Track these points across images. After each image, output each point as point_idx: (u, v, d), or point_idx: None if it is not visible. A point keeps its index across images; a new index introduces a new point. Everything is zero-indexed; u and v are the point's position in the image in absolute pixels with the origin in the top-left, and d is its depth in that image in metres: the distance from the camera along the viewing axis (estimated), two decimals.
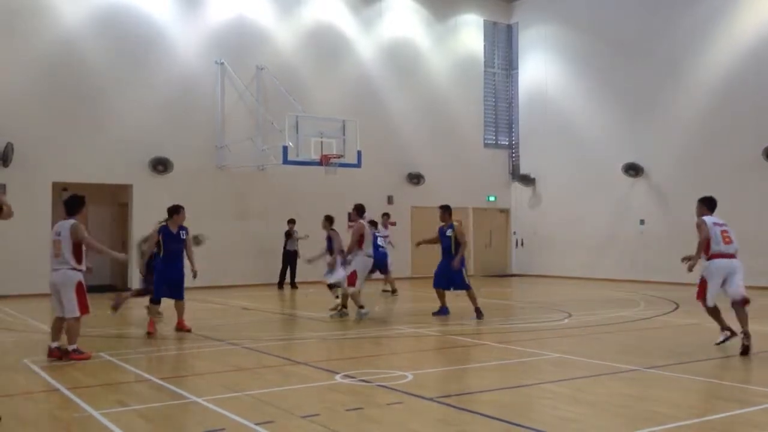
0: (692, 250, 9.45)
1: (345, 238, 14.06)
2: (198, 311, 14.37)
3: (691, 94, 20.25)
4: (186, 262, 10.96)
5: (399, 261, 23.19)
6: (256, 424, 5.46)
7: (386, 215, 18.55)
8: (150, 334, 10.45)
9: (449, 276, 12.29)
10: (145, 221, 19.12)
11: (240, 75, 20.51)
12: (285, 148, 18.03)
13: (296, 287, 19.35)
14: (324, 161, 18.42)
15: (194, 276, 10.83)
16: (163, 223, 10.93)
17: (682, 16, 20.48)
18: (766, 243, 18.10)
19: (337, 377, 7.19)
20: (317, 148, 18.36)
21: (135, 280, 19.02)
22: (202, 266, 19.52)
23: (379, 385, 6.82)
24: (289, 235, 19.56)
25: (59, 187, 18.61)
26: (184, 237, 10.91)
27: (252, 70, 20.67)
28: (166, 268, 10.72)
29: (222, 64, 20.31)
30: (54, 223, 18.05)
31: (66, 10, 18.38)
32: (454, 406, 6.03)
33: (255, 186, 20.84)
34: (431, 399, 6.25)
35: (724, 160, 19.19)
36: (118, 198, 19.88)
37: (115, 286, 19.82)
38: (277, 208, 20.49)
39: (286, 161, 18.17)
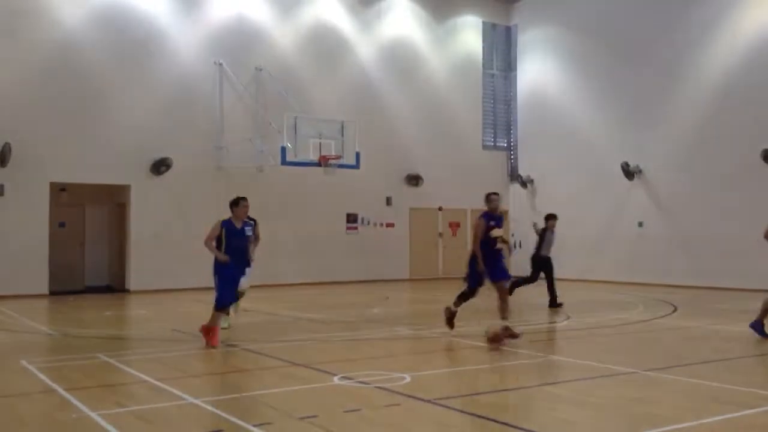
0: (690, 251, 9.65)
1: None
2: (197, 312, 14.35)
3: (690, 96, 20.27)
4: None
5: (397, 262, 23.28)
6: (254, 425, 5.45)
7: None
8: (213, 347, 9.29)
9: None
10: (143, 222, 19.20)
11: (239, 76, 20.51)
12: (283, 149, 18.04)
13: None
14: (322, 162, 18.43)
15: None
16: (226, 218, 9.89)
17: (682, 18, 20.50)
18: (763, 245, 18.07)
19: (336, 379, 7.17)
20: (316, 149, 18.37)
21: (132, 280, 19.05)
22: (200, 267, 19.68)
23: (377, 387, 6.82)
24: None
25: (57, 188, 18.60)
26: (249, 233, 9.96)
27: (251, 71, 20.66)
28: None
29: (221, 64, 20.29)
30: (51, 223, 18.17)
31: (64, 10, 18.34)
32: (452, 408, 6.03)
33: (253, 187, 20.75)
34: (429, 401, 6.24)
35: (723, 162, 19.20)
36: (116, 198, 19.85)
37: (113, 287, 19.81)
38: (276, 208, 20.46)
39: (284, 162, 18.18)
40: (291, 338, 10.58)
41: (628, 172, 21.34)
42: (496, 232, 10.08)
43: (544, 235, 15.00)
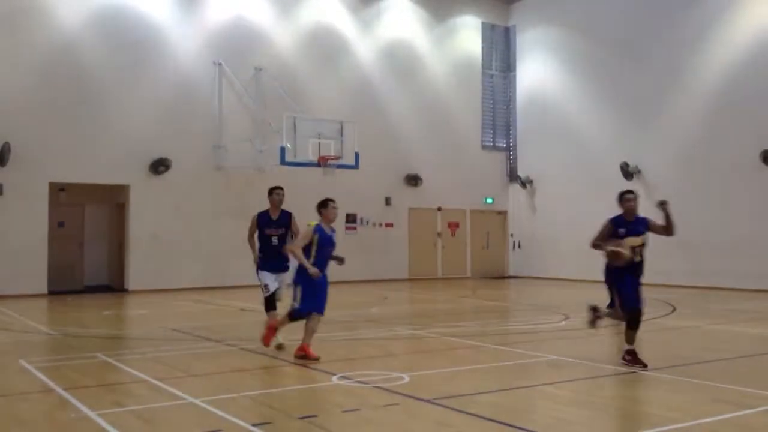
0: (690, 252, 9.52)
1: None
2: (196, 312, 14.36)
3: (689, 96, 20.27)
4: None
5: (396, 262, 23.28)
6: (254, 425, 5.45)
7: None
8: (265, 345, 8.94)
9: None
10: (142, 222, 19.19)
11: (238, 76, 20.49)
12: (283, 149, 18.04)
13: None
14: (322, 162, 18.42)
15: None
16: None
17: (681, 19, 20.51)
18: (762, 246, 18.13)
19: (335, 378, 7.18)
20: (315, 150, 18.37)
21: (131, 280, 19.03)
22: (200, 268, 19.69)
23: (376, 387, 6.82)
24: None
25: (56, 188, 18.59)
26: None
27: (250, 71, 20.64)
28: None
29: (220, 65, 20.27)
30: (51, 223, 18.17)
31: (64, 10, 18.32)
32: (451, 408, 6.02)
33: (253, 187, 20.77)
34: (428, 401, 6.24)
35: (722, 162, 19.22)
36: (115, 198, 19.84)
37: (112, 287, 19.80)
38: None
39: (284, 162, 18.17)
40: (290, 338, 10.58)
41: (627, 173, 21.33)
42: (630, 241, 7.83)
43: None
